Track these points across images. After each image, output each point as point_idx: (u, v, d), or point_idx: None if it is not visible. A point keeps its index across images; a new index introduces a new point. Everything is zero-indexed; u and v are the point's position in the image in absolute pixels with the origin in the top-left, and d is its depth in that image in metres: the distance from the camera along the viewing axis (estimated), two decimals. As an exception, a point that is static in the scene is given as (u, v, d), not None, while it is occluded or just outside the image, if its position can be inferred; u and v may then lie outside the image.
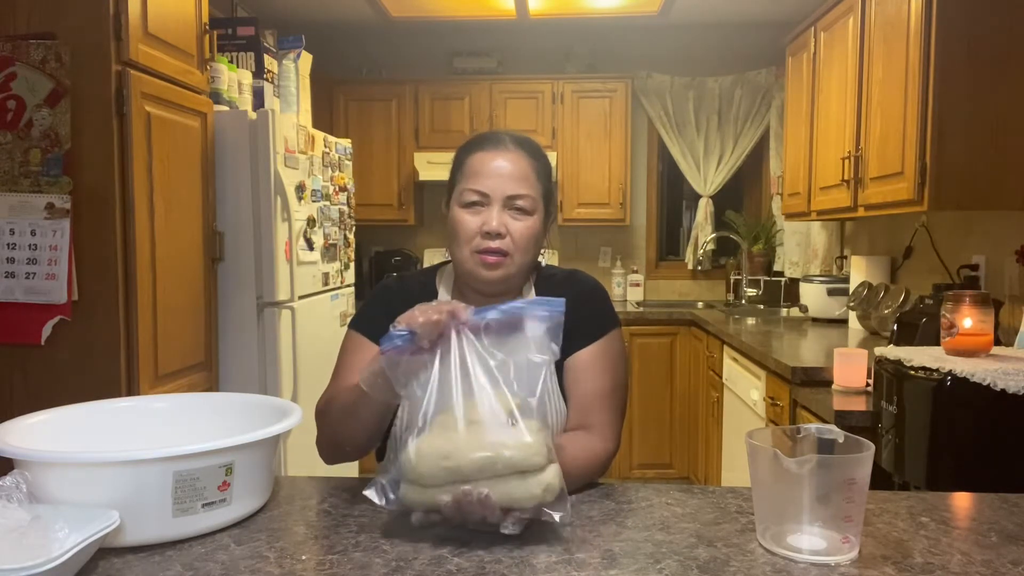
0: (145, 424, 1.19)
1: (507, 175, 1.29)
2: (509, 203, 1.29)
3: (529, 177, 1.31)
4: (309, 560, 0.93)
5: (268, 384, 2.76)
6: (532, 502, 0.95)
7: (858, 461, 0.91)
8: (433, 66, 4.83)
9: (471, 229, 1.29)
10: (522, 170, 1.31)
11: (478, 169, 1.31)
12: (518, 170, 1.30)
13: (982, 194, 2.27)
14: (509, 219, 1.29)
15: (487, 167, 1.30)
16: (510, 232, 1.29)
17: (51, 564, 0.78)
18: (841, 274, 3.77)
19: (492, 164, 1.30)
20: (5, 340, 2.14)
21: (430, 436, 0.99)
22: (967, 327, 1.70)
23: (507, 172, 1.29)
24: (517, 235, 1.29)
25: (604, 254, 4.94)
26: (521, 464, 0.96)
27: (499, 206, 1.29)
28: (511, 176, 1.29)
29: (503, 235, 1.28)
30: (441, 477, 0.97)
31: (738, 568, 0.90)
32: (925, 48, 2.28)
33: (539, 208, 1.33)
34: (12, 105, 2.11)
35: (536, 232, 1.32)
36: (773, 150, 4.61)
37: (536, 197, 1.32)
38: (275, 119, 2.73)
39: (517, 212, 1.30)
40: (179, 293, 2.43)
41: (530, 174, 1.32)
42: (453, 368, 1.02)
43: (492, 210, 1.29)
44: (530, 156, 1.33)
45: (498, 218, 1.28)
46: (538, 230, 1.33)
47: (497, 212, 1.29)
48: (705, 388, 3.90)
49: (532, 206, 1.31)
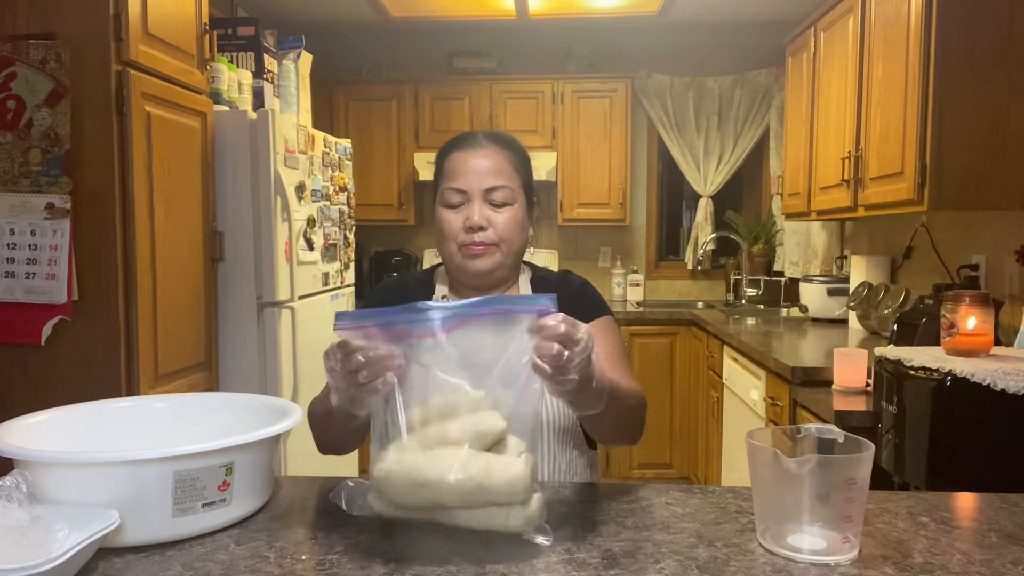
0: (145, 424, 1.19)
1: (483, 170, 1.34)
2: (488, 196, 1.33)
3: (505, 169, 1.35)
4: (309, 560, 0.93)
5: (268, 384, 2.76)
6: (511, 532, 0.92)
7: (858, 461, 0.91)
8: (433, 66, 4.83)
9: (455, 226, 1.34)
10: (498, 164, 1.35)
11: (455, 168, 1.35)
12: (494, 164, 1.35)
13: (982, 194, 2.27)
14: (490, 212, 1.34)
15: (464, 165, 1.35)
16: (492, 224, 1.33)
17: (51, 564, 0.78)
18: (841, 274, 3.77)
19: (469, 162, 1.35)
20: (5, 340, 2.14)
21: (405, 453, 0.91)
22: (967, 327, 1.70)
23: (483, 167, 1.34)
24: (500, 226, 1.34)
25: (604, 254, 4.94)
26: (505, 499, 0.90)
27: (479, 201, 1.33)
28: (487, 171, 1.34)
29: (485, 228, 1.33)
30: (415, 501, 0.91)
31: (738, 568, 0.90)
32: (925, 48, 2.28)
33: (519, 198, 1.37)
34: (12, 105, 2.11)
35: (519, 220, 1.36)
36: (773, 150, 4.61)
37: (514, 187, 1.36)
38: (275, 119, 2.73)
39: (497, 204, 1.34)
40: (179, 293, 2.43)
41: (506, 166, 1.36)
42: (422, 380, 0.93)
43: (473, 206, 1.33)
44: (505, 149, 1.37)
45: (479, 212, 1.33)
46: (521, 218, 1.37)
47: (478, 207, 1.33)
48: (705, 388, 3.90)
49: (511, 197, 1.35)
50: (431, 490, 0.89)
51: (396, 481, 0.91)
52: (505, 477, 0.89)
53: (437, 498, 0.90)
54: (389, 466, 0.91)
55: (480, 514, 0.91)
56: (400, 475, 0.90)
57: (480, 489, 0.89)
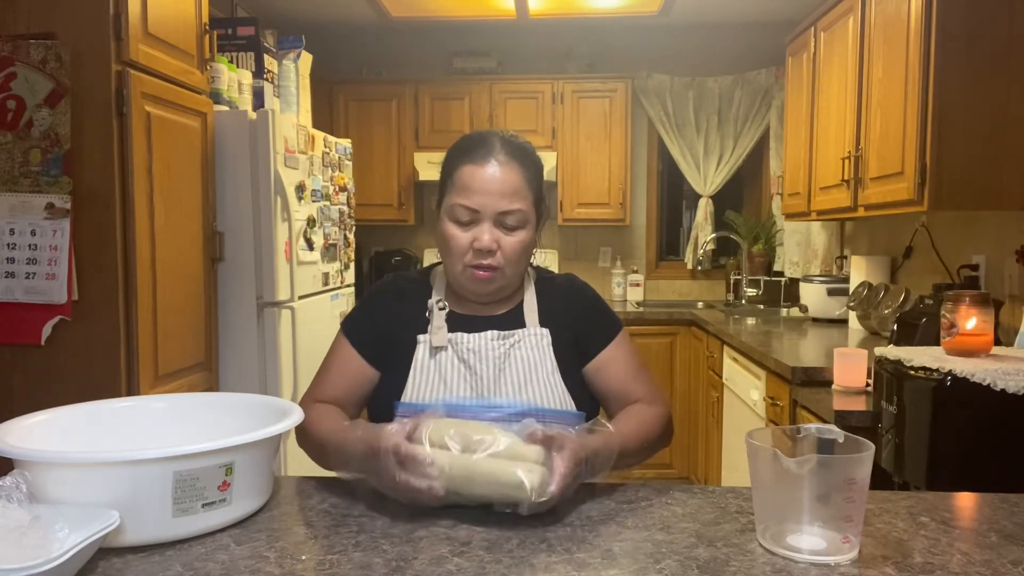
0: (145, 424, 1.19)
1: (497, 191, 1.27)
2: (500, 219, 1.28)
3: (520, 190, 1.29)
4: (309, 560, 0.93)
5: (268, 384, 2.76)
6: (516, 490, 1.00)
7: (858, 461, 0.91)
8: (433, 66, 4.83)
9: (462, 245, 1.29)
10: (513, 184, 1.29)
11: (468, 183, 1.28)
12: (509, 185, 1.28)
13: (982, 194, 2.27)
14: (500, 234, 1.29)
15: (477, 181, 1.28)
16: (501, 247, 1.29)
17: (51, 564, 0.77)
18: (841, 274, 3.76)
19: (483, 180, 1.27)
20: (5, 340, 2.14)
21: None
22: (967, 327, 1.70)
23: (497, 188, 1.27)
24: (508, 250, 1.29)
25: (604, 254, 4.93)
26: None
27: (490, 222, 1.28)
28: (501, 192, 1.27)
29: (494, 251, 1.28)
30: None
31: (738, 568, 0.90)
32: (925, 48, 2.28)
33: (530, 218, 1.32)
34: (12, 105, 2.11)
35: (527, 244, 1.33)
36: (773, 150, 4.61)
37: (527, 210, 1.31)
38: (275, 119, 2.73)
39: (508, 227, 1.29)
40: (179, 293, 2.43)
41: (521, 187, 1.30)
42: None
43: (483, 227, 1.28)
44: (521, 166, 1.31)
45: (489, 234, 1.28)
46: (530, 242, 1.34)
47: (488, 228, 1.28)
48: (705, 388, 3.90)
49: (523, 220, 1.30)
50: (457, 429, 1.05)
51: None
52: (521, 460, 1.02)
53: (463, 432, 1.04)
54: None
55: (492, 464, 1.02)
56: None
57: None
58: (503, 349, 1.31)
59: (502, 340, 1.32)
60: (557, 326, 1.36)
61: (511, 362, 1.31)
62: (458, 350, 1.31)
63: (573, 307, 1.40)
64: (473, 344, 1.31)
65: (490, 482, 1.01)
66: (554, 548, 0.95)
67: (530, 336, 1.34)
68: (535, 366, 1.31)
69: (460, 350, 1.31)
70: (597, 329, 1.39)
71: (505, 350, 1.31)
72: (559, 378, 1.32)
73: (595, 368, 1.37)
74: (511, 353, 1.31)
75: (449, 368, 1.31)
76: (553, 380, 1.32)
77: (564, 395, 1.32)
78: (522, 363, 1.31)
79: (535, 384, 1.30)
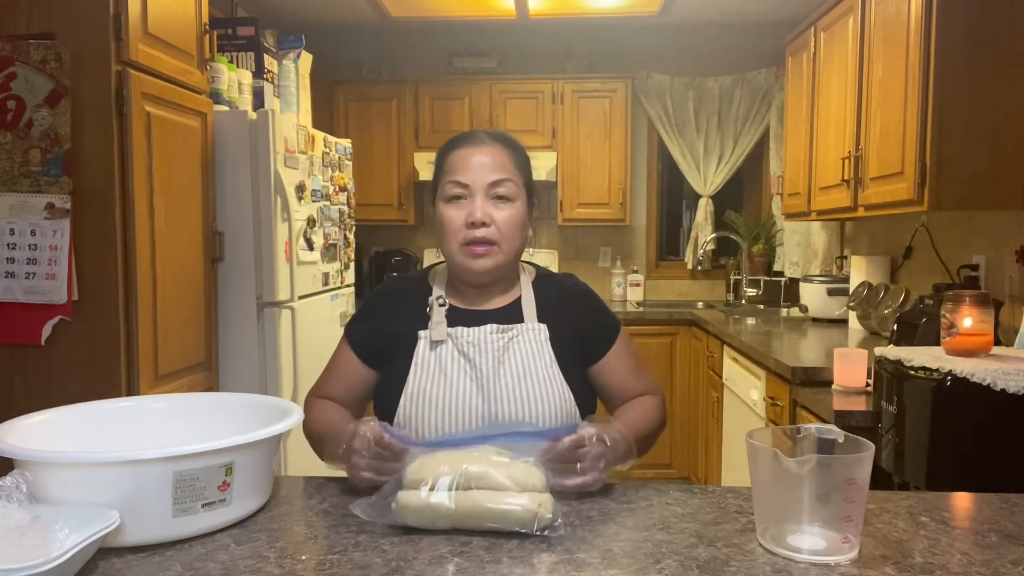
0: (145, 424, 1.19)
1: (486, 165, 1.34)
2: (491, 191, 1.33)
3: (507, 165, 1.36)
4: (309, 560, 0.93)
5: (268, 384, 2.76)
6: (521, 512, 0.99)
7: (858, 461, 0.91)
8: (433, 66, 4.83)
9: (457, 222, 1.33)
10: (501, 161, 1.35)
11: (457, 164, 1.35)
12: (496, 161, 1.35)
13: (982, 194, 2.27)
14: (493, 208, 1.33)
15: (467, 161, 1.34)
16: (495, 220, 1.33)
17: (51, 564, 0.77)
18: (841, 274, 3.76)
19: (471, 158, 1.34)
20: (5, 340, 2.14)
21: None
22: (967, 327, 1.70)
23: (487, 163, 1.34)
24: (502, 222, 1.33)
25: (604, 254, 4.93)
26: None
27: (482, 196, 1.33)
28: (490, 166, 1.34)
29: (488, 224, 1.32)
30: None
31: (738, 568, 0.90)
32: (925, 48, 2.28)
33: (521, 195, 1.37)
34: (12, 105, 2.11)
35: (521, 219, 1.36)
36: (773, 150, 4.61)
37: (517, 183, 1.36)
38: (275, 119, 2.73)
39: (500, 200, 1.34)
40: (179, 293, 2.43)
41: (508, 163, 1.36)
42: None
43: (475, 200, 1.33)
44: (507, 148, 1.38)
45: (482, 208, 1.32)
46: (522, 217, 1.37)
47: (480, 202, 1.33)
48: (705, 388, 3.90)
49: (514, 192, 1.35)
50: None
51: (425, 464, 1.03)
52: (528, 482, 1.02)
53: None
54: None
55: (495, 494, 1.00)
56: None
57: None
58: (502, 342, 1.34)
59: (501, 334, 1.35)
60: (555, 323, 1.39)
61: (510, 355, 1.34)
62: (458, 343, 1.34)
63: (572, 307, 1.43)
64: (473, 337, 1.34)
65: (495, 520, 0.98)
66: (554, 548, 0.95)
67: (528, 331, 1.37)
68: (533, 359, 1.35)
69: (460, 343, 1.34)
70: (599, 332, 1.43)
71: (504, 343, 1.34)
72: (557, 370, 1.35)
73: (598, 369, 1.43)
74: (510, 346, 1.34)
75: (449, 361, 1.34)
76: (552, 372, 1.35)
77: (563, 387, 1.34)
78: (521, 356, 1.34)
79: (534, 376, 1.33)
